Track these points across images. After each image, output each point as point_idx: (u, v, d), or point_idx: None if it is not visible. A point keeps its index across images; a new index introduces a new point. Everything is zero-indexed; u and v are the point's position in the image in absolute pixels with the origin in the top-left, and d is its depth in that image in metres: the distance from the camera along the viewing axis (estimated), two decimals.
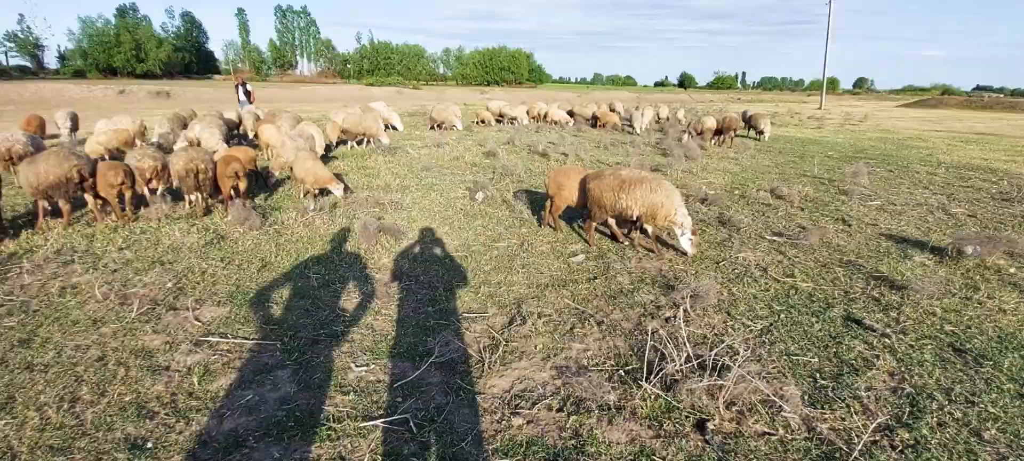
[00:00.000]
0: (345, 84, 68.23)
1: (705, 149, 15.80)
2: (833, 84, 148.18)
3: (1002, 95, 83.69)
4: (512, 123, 23.71)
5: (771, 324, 4.42)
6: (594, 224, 6.48)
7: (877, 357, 3.87)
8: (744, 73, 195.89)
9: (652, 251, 6.26)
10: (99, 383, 3.51)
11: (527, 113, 24.39)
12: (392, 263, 5.80)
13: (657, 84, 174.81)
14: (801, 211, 8.60)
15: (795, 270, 5.71)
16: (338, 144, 14.84)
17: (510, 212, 8.02)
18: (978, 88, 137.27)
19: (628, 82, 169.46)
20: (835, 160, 14.47)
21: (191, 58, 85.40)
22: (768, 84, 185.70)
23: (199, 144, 10.83)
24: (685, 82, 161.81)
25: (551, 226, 7.19)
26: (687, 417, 3.17)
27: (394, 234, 6.46)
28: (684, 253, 6.08)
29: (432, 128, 21.02)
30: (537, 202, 8.76)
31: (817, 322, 4.48)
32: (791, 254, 6.31)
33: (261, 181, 9.35)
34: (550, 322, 4.44)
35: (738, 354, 3.62)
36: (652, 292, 5.10)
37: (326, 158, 12.69)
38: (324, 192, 8.33)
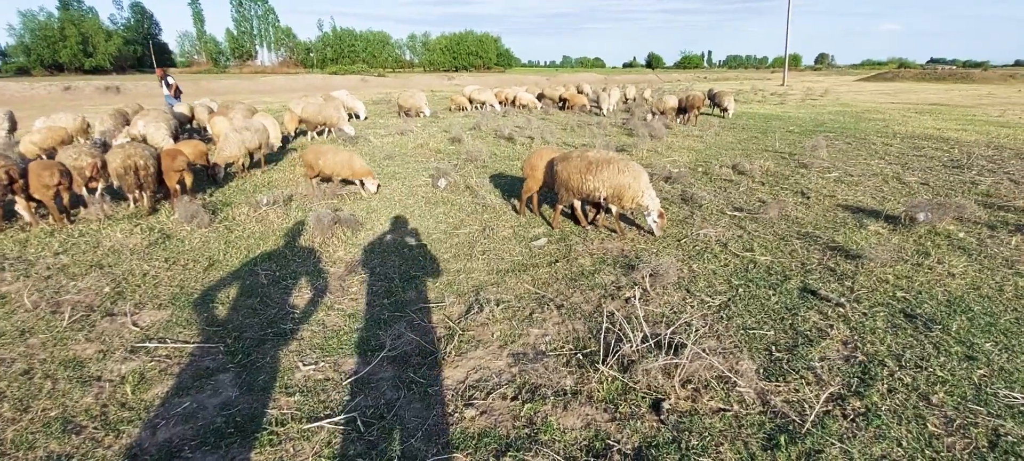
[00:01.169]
0: (307, 74, 66.28)
1: (670, 128, 15.89)
2: (795, 60, 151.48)
3: (955, 66, 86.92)
4: (481, 108, 23.46)
5: (729, 299, 4.42)
6: (561, 207, 6.39)
7: (831, 326, 3.90)
8: (710, 52, 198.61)
9: (615, 231, 6.21)
10: (23, 399, 3.26)
11: (503, 98, 24.17)
12: (348, 256, 5.60)
13: (626, 65, 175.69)
14: (762, 186, 8.69)
15: (754, 244, 5.74)
16: (298, 135, 14.38)
17: (473, 198, 7.86)
18: (932, 61, 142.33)
19: (597, 64, 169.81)
20: (796, 134, 14.72)
21: (144, 51, 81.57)
22: (733, 62, 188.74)
23: (145, 140, 10.30)
24: (653, 62, 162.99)
25: (529, 210, 7.09)
26: (643, 398, 3.12)
27: (351, 226, 6.25)
28: (650, 233, 6.05)
29: (399, 115, 20.60)
30: (502, 186, 8.63)
31: (774, 295, 4.50)
32: (751, 228, 6.35)
33: (211, 176, 8.94)
34: (509, 308, 4.34)
35: (694, 331, 3.59)
36: (613, 273, 5.05)
37: (284, 150, 12.27)
38: (334, 183, 8.02)
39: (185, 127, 13.87)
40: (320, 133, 14.51)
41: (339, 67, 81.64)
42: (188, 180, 7.56)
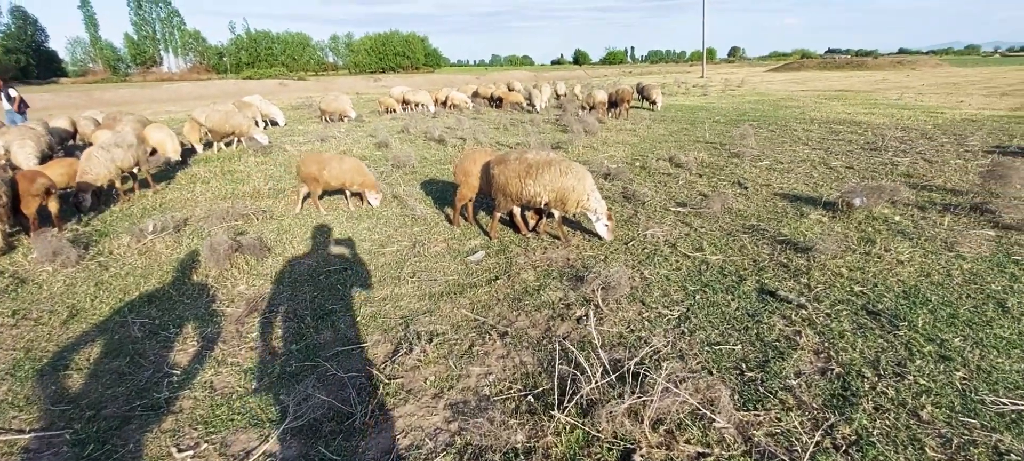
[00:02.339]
0: (219, 79, 61.71)
1: (603, 123, 15.77)
2: (711, 54, 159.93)
3: (850, 56, 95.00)
4: (414, 109, 22.48)
5: (688, 309, 4.01)
6: (499, 215, 5.80)
7: (799, 333, 3.57)
8: (633, 48, 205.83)
9: (559, 239, 5.71)
10: None
11: (433, 99, 23.24)
12: (251, 290, 4.73)
13: (554, 62, 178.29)
14: (700, 177, 8.55)
15: (703, 242, 5.43)
16: (206, 146, 12.90)
17: (401, 209, 7.13)
18: (830, 51, 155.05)
19: (526, 62, 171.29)
20: (723, 124, 15.01)
21: (28, 60, 72.79)
22: (655, 57, 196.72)
23: (7, 160, 8.68)
24: (580, 59, 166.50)
25: (464, 218, 6.45)
26: (610, 450, 2.59)
27: (256, 252, 5.35)
28: (597, 237, 5.60)
29: (321, 121, 19.25)
30: (434, 194, 7.93)
31: (733, 299, 4.15)
32: (697, 225, 6.06)
33: (76, 204, 7.61)
34: (444, 343, 3.70)
35: (659, 356, 3.13)
36: (561, 287, 4.53)
37: (183, 164, 10.89)
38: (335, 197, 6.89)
39: (66, 143, 12.04)
40: (228, 144, 13.11)
41: (254, 71, 76.62)
42: (53, 207, 6.31)
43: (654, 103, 19.27)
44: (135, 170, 8.38)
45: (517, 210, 5.84)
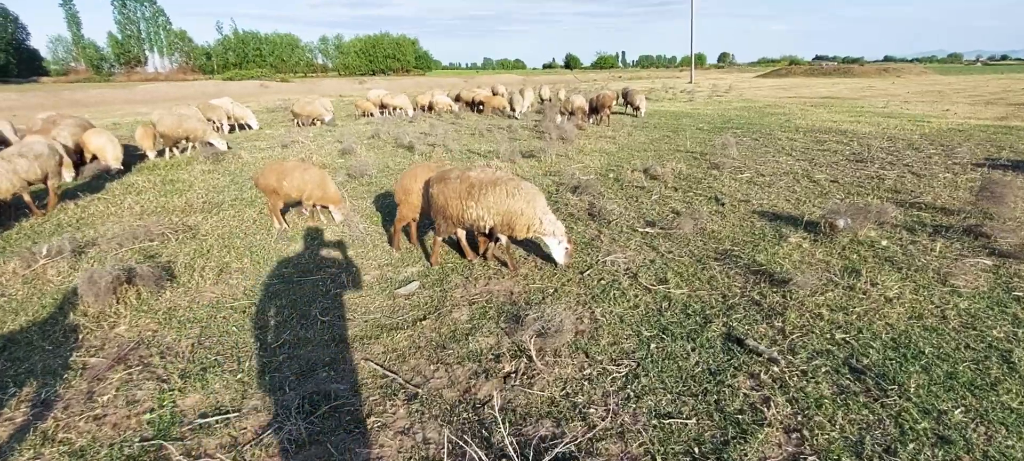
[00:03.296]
0: (200, 80, 60.45)
1: (583, 129, 15.17)
2: (701, 59, 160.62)
3: (836, 62, 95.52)
4: (393, 113, 21.78)
5: (639, 363, 3.36)
6: (440, 239, 5.12)
7: (767, 401, 2.93)
8: (624, 52, 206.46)
9: (506, 266, 5.04)
10: None
11: (415, 103, 22.54)
12: (132, 332, 4.01)
13: (545, 66, 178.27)
14: (675, 191, 7.94)
15: (668, 273, 4.79)
16: (160, 153, 12.10)
17: (342, 227, 6.43)
18: (817, 58, 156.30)
19: (517, 65, 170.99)
20: (706, 132, 14.46)
21: (9, 59, 71.01)
22: (645, 62, 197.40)
23: None
24: (571, 63, 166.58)
25: (410, 241, 5.77)
26: None
27: (153, 283, 4.61)
28: (555, 264, 4.94)
29: (294, 124, 18.47)
30: (384, 208, 7.25)
31: (694, 349, 3.50)
32: (664, 249, 5.43)
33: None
34: (334, 412, 3.01)
35: (594, 435, 2.46)
36: (495, 330, 3.86)
37: (126, 170, 10.10)
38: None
39: None
40: (182, 150, 12.32)
41: (235, 73, 75.28)
42: None
43: (638, 109, 18.71)
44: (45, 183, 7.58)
45: (462, 233, 5.17)
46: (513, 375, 3.24)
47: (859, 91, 32.50)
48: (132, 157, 11.48)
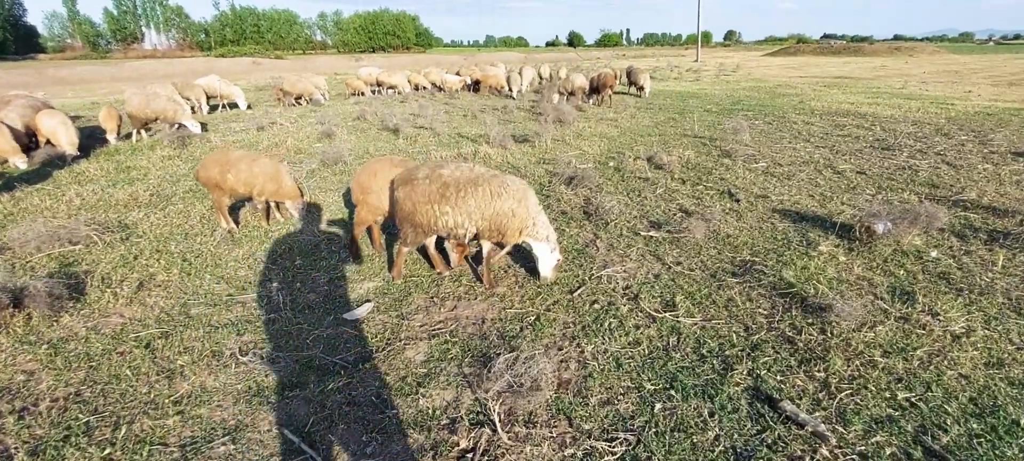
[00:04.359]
0: (193, 57, 58.92)
1: (583, 111, 14.19)
2: (707, 38, 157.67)
3: (845, 41, 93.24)
4: (387, 91, 20.74)
5: (639, 437, 2.52)
6: (405, 249, 4.25)
7: None
8: (628, 30, 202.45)
9: (481, 281, 4.19)
10: None
11: (408, 80, 21.40)
12: (2, 374, 3.18)
13: (549, 44, 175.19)
14: (683, 184, 7.04)
15: (676, 293, 3.93)
16: (127, 135, 11.20)
17: (298, 227, 5.57)
18: (825, 36, 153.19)
19: (520, 43, 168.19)
20: (714, 115, 13.46)
21: (5, 35, 69.57)
22: (650, 39, 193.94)
23: None
24: (574, 41, 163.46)
25: (375, 246, 4.92)
26: None
27: (47, 304, 3.77)
28: (547, 281, 4.11)
29: (280, 103, 17.48)
30: (352, 205, 6.37)
31: (712, 417, 2.66)
32: (671, 259, 4.56)
33: None
34: None
35: None
36: (455, 378, 3.02)
37: (83, 155, 9.22)
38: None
39: None
40: (148, 131, 11.41)
41: (227, 49, 73.66)
42: None
43: (642, 89, 17.66)
44: None
45: (430, 241, 4.30)
46: (471, 455, 2.40)
47: (872, 71, 31.20)
48: (96, 141, 10.60)
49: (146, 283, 4.34)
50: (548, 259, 4.02)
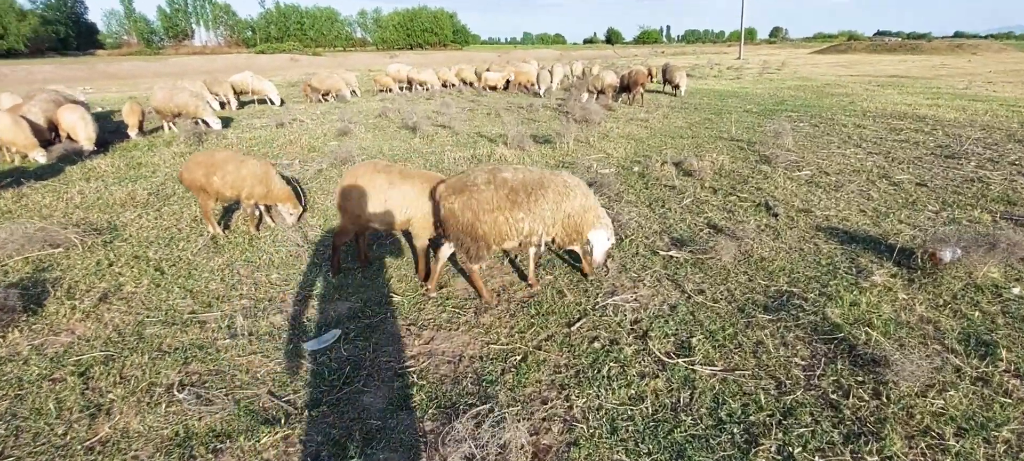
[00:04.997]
0: (234, 54, 60.64)
1: (613, 110, 13.48)
2: (751, 34, 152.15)
3: (901, 39, 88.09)
4: (421, 89, 20.50)
5: None
6: (476, 267, 3.72)
7: None
8: (668, 26, 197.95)
9: (477, 296, 3.66)
10: None
11: (437, 77, 21.08)
12: None
13: (586, 41, 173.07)
14: (714, 194, 6.34)
15: (695, 331, 3.30)
16: (152, 130, 11.25)
17: (283, 238, 5.18)
18: (879, 33, 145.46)
19: (557, 40, 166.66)
20: (755, 116, 12.52)
21: (67, 32, 73.57)
22: (691, 36, 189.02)
23: None
24: (612, 38, 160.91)
25: (333, 268, 4.47)
26: None
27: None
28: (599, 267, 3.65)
29: (308, 99, 17.47)
30: None
31: None
32: (692, 286, 3.93)
33: None
34: None
35: None
36: (409, 438, 2.51)
37: (102, 150, 9.21)
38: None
39: None
40: (173, 125, 11.40)
41: (266, 46, 75.61)
42: None
43: (677, 87, 16.75)
44: None
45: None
46: None
47: (932, 70, 29.03)
48: (120, 135, 10.68)
49: (111, 294, 4.02)
50: (604, 246, 3.69)
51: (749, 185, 6.66)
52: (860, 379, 2.78)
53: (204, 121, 11.42)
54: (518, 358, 3.08)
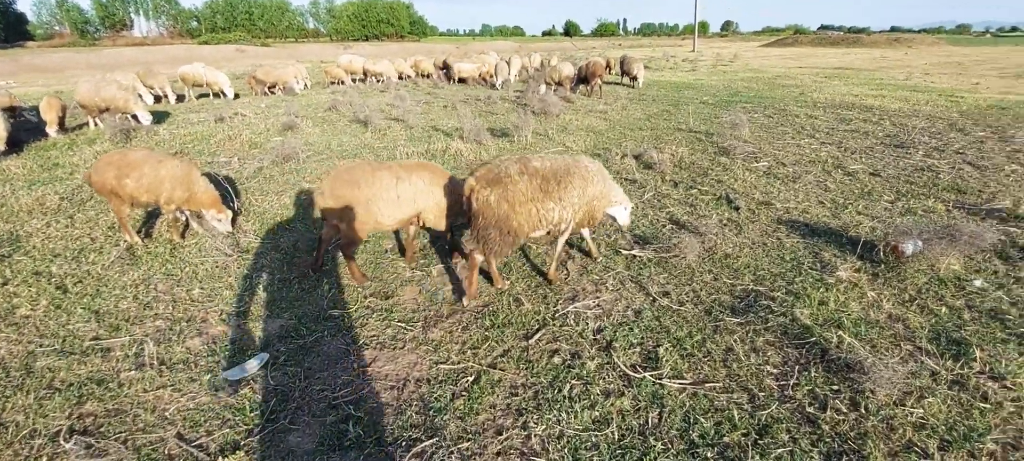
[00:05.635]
0: (175, 45, 57.23)
1: (571, 102, 13.27)
2: (704, 28, 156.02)
3: (843, 32, 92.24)
4: (376, 81, 19.70)
5: None
6: (494, 261, 3.66)
7: None
8: (625, 19, 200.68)
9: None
10: None
11: (393, 68, 20.31)
12: None
13: (545, 33, 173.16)
14: (675, 187, 6.18)
15: (662, 340, 3.07)
16: (76, 127, 10.24)
17: (211, 247, 4.67)
18: (823, 27, 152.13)
19: (516, 32, 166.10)
20: (711, 107, 12.58)
21: None
22: (647, 29, 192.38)
23: None
24: (570, 30, 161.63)
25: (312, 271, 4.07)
26: None
27: None
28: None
29: (253, 92, 16.47)
30: (290, 213, 5.46)
31: None
32: (657, 288, 3.70)
33: None
34: None
35: None
36: None
37: (15, 150, 8.27)
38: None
39: None
40: (64, 125, 10.44)
41: (210, 37, 71.91)
42: None
43: (635, 79, 16.74)
44: None
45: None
46: None
47: (873, 61, 30.35)
48: (39, 133, 9.68)
49: (2, 319, 3.45)
50: (627, 218, 3.87)
51: (709, 178, 6.55)
52: (836, 388, 2.60)
53: (134, 116, 10.53)
54: (470, 379, 2.76)
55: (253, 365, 2.91)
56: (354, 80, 20.31)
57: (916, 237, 4.05)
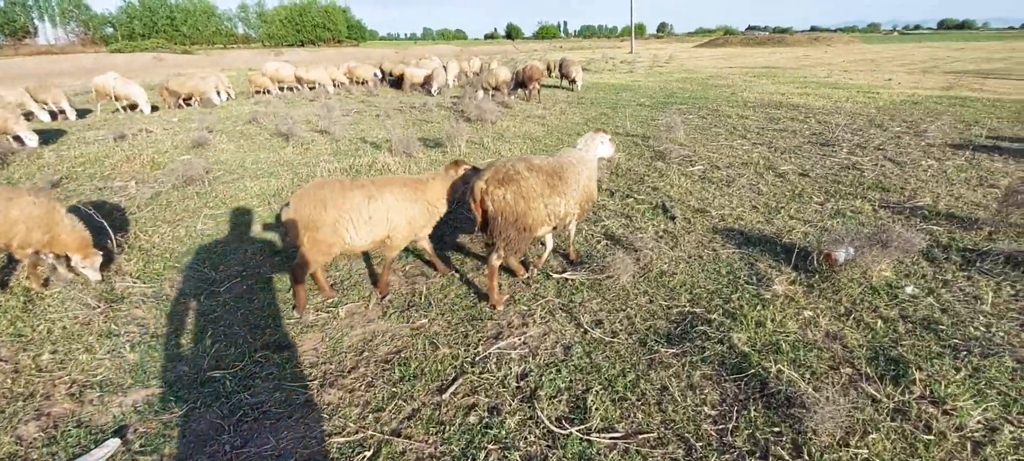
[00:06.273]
0: (86, 53, 52.93)
1: (509, 107, 12.97)
2: (641, 30, 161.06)
3: (768, 32, 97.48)
4: (308, 89, 18.63)
5: None
6: (514, 259, 3.85)
7: None
8: (566, 22, 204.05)
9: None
10: None
11: (328, 76, 19.28)
12: None
13: (487, 36, 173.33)
14: (611, 197, 5.96)
15: (592, 383, 2.75)
16: None
17: (80, 294, 3.98)
18: (750, 27, 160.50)
19: (458, 35, 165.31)
20: (648, 109, 12.63)
21: None
22: (587, 32, 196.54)
23: None
24: (512, 33, 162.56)
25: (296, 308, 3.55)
26: None
27: None
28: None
29: (167, 105, 15.12)
30: (179, 250, 4.78)
31: None
32: (589, 318, 3.40)
33: None
34: None
35: None
36: None
37: None
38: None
39: None
40: None
41: (125, 44, 67.03)
42: None
43: (574, 82, 16.69)
44: None
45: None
46: None
47: (797, 60, 32.01)
48: None
49: None
50: (609, 149, 4.63)
51: (645, 185, 6.38)
52: (777, 430, 2.36)
53: (17, 137, 9.32)
54: (368, 455, 2.32)
55: (99, 455, 2.35)
56: (282, 89, 19.21)
57: (848, 244, 3.95)
